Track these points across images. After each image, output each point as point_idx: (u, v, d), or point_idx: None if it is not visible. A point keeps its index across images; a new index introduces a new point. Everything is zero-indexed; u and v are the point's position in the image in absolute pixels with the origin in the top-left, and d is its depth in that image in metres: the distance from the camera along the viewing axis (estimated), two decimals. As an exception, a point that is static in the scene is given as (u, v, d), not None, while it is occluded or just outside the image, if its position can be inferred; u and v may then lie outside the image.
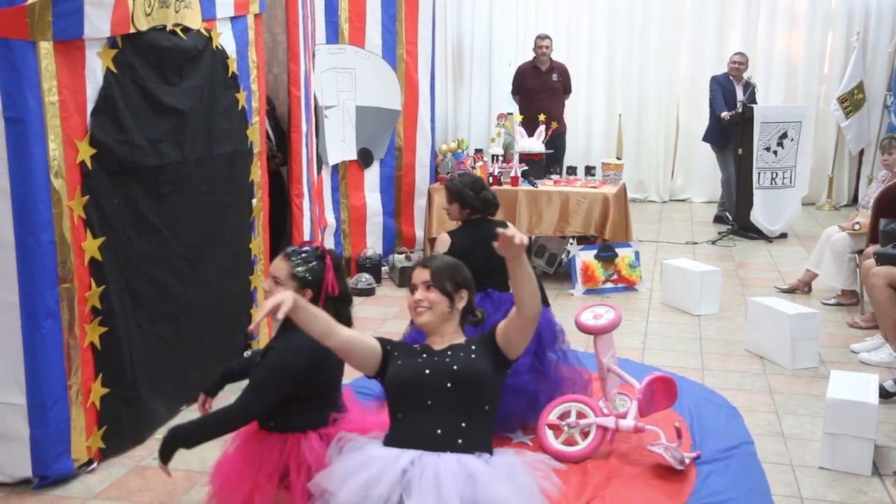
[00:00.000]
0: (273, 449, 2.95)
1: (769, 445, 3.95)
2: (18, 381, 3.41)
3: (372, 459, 2.63)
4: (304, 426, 2.98)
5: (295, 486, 2.89)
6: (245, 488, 2.91)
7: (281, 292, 2.66)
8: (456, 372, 2.73)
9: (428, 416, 2.71)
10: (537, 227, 6.81)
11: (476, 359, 2.77)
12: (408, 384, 2.76)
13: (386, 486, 2.52)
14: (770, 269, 7.37)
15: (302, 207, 5.66)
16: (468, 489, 2.51)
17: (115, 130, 3.65)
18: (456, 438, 2.68)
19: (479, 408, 2.75)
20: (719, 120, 8.70)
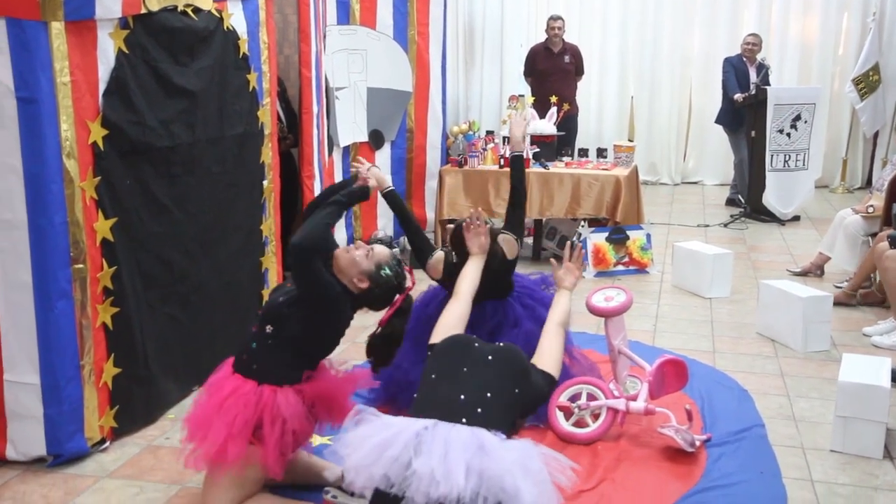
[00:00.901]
0: (249, 401, 2.97)
1: (780, 428, 3.95)
2: (32, 360, 3.43)
3: (387, 426, 2.67)
4: (281, 379, 3.02)
5: (268, 438, 2.92)
6: (219, 438, 2.92)
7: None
8: (503, 348, 2.98)
9: (458, 381, 2.82)
10: (548, 210, 6.79)
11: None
12: (451, 350, 3.00)
13: (398, 447, 2.56)
14: (782, 252, 7.34)
15: (313, 189, 5.66)
16: (476, 459, 2.54)
17: (126, 111, 3.66)
18: (476, 407, 2.74)
19: (508, 387, 2.87)
20: (732, 102, 8.64)
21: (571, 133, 8.41)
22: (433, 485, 2.48)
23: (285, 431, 2.94)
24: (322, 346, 3.19)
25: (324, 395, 3.11)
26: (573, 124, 8.65)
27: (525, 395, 2.96)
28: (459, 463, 2.51)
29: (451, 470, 2.49)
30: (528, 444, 2.76)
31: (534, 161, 6.93)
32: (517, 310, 3.98)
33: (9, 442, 3.51)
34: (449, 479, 2.47)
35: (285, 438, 2.95)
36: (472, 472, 2.51)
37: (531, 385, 3.00)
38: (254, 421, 2.95)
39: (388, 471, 2.54)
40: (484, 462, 2.54)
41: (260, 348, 3.09)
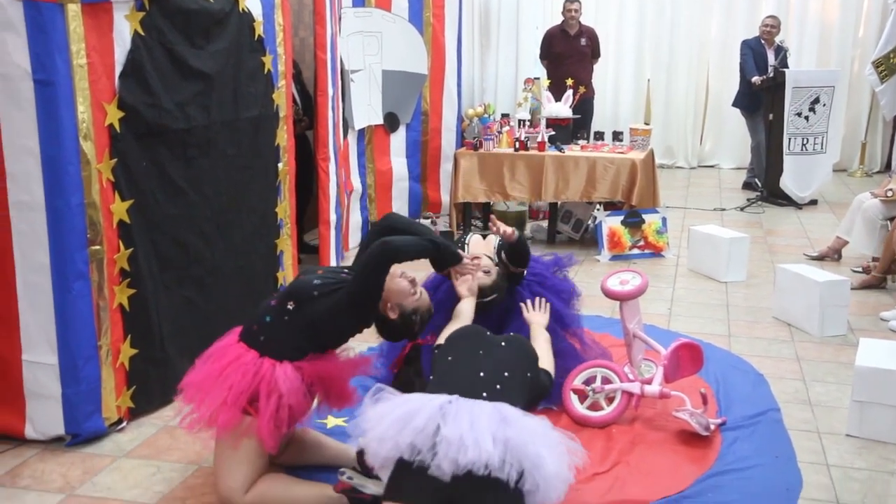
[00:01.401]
0: (247, 371, 2.99)
1: (796, 413, 3.94)
2: (50, 341, 3.46)
3: (409, 400, 2.71)
4: (284, 355, 3.04)
5: (263, 410, 2.94)
6: (212, 404, 2.96)
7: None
8: (513, 337, 3.13)
9: (476, 361, 2.93)
10: (564, 193, 6.77)
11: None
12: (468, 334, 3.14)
13: (423, 418, 2.60)
14: (799, 236, 7.29)
15: (328, 172, 5.67)
16: (500, 429, 2.59)
17: (142, 93, 3.66)
18: (495, 383, 2.82)
19: (522, 369, 2.97)
20: (750, 85, 8.57)
21: (587, 116, 8.36)
22: (462, 450, 2.50)
23: (281, 406, 2.95)
24: (335, 338, 3.20)
25: (323, 375, 3.13)
26: (589, 107, 8.61)
27: (534, 383, 3.04)
28: (486, 431, 2.55)
29: (480, 437, 2.53)
30: (546, 420, 2.80)
31: (549, 144, 6.90)
32: (525, 295, 3.97)
33: (28, 421, 3.55)
34: (478, 445, 2.51)
35: (280, 413, 2.96)
36: (498, 441, 2.55)
37: (538, 374, 3.09)
38: (250, 391, 2.97)
39: (413, 439, 2.57)
40: (507, 431, 2.59)
41: (274, 322, 3.11)
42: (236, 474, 3.02)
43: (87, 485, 3.29)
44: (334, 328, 3.13)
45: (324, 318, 3.08)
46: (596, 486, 3.26)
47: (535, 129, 7.12)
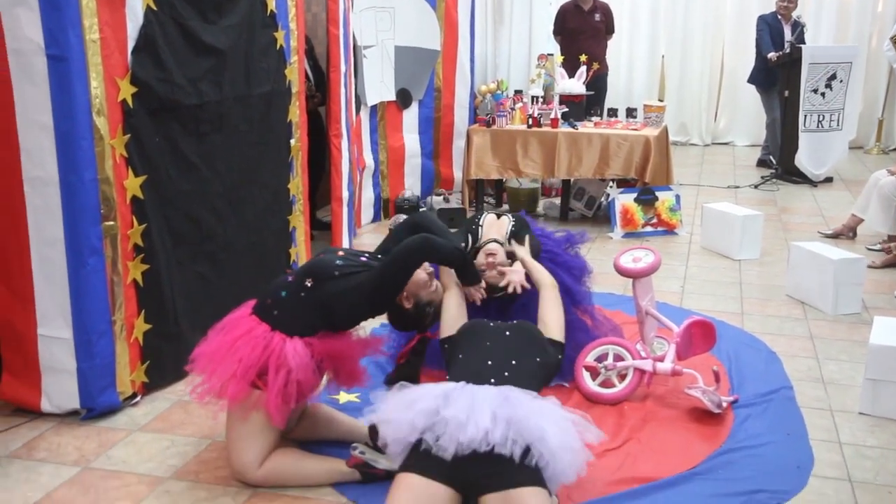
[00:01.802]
0: (257, 344, 3.01)
1: (808, 391, 3.93)
2: (65, 315, 3.49)
3: (418, 388, 2.86)
4: (295, 331, 3.05)
5: (272, 384, 2.97)
6: (221, 375, 2.98)
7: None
8: (517, 325, 3.18)
9: (483, 351, 3.04)
10: (577, 170, 6.74)
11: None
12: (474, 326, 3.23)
13: (427, 401, 2.73)
14: (814, 213, 7.25)
15: (340, 148, 5.66)
16: (501, 408, 2.68)
17: (155, 69, 3.66)
18: (503, 371, 2.92)
19: (529, 355, 3.05)
20: (766, 61, 8.48)
21: (601, 93, 8.31)
22: (461, 428, 2.60)
23: (289, 381, 2.97)
24: (347, 320, 3.21)
25: (333, 353, 3.14)
26: (603, 84, 8.54)
27: (544, 366, 3.12)
28: (484, 409, 2.65)
29: (477, 414, 2.63)
30: (555, 403, 2.87)
31: (562, 121, 6.87)
32: None
33: (43, 395, 3.58)
34: (475, 422, 2.61)
35: (289, 388, 2.97)
36: (499, 419, 2.64)
37: (548, 355, 3.17)
38: (259, 364, 2.99)
39: (415, 419, 2.69)
40: (509, 410, 2.68)
41: (289, 298, 3.12)
42: (249, 449, 3.05)
43: (102, 458, 3.33)
44: (349, 310, 3.14)
45: (340, 299, 3.09)
46: (607, 463, 3.27)
47: (548, 105, 7.08)
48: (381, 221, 6.89)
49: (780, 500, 3.05)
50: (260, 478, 3.07)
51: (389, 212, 6.94)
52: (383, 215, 6.95)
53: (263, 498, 3.05)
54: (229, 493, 3.09)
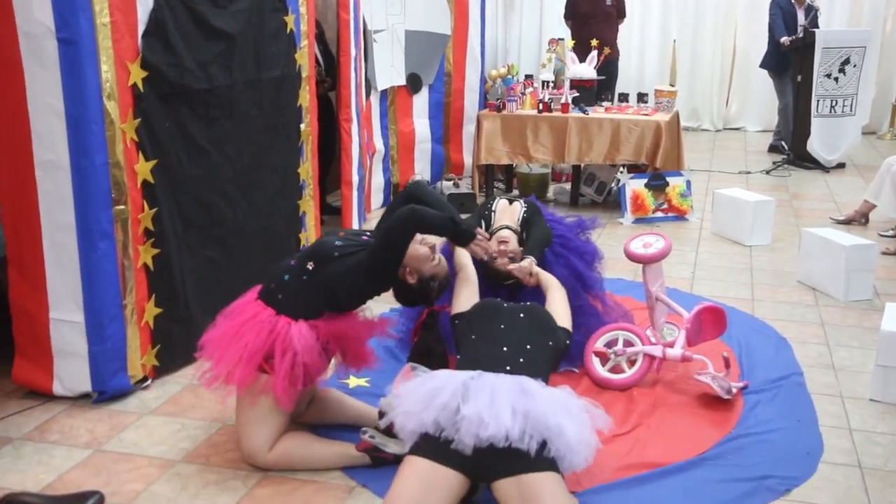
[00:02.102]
0: (262, 328, 3.03)
1: (819, 377, 3.92)
2: (76, 299, 3.50)
3: (435, 377, 2.83)
4: (300, 314, 3.07)
5: (278, 368, 2.98)
6: (229, 361, 3.00)
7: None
8: (529, 306, 3.16)
9: (499, 336, 3.03)
10: (587, 155, 6.71)
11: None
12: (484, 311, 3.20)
13: (446, 395, 2.71)
14: (826, 199, 7.21)
15: (350, 133, 5.65)
16: (520, 401, 2.67)
17: (165, 53, 3.65)
18: (518, 357, 2.92)
19: (542, 339, 3.05)
20: (778, 45, 8.42)
21: (612, 77, 8.27)
22: (482, 426, 2.60)
23: (296, 363, 2.98)
24: (351, 300, 3.21)
25: (339, 334, 3.14)
26: (614, 68, 8.51)
27: (556, 350, 3.13)
28: (505, 405, 2.64)
29: (499, 412, 2.62)
30: (568, 389, 2.88)
31: (573, 106, 6.84)
32: (548, 257, 3.98)
33: (56, 378, 3.60)
34: (496, 419, 2.60)
35: (295, 370, 2.99)
36: (518, 413, 2.63)
37: (559, 339, 3.17)
38: (265, 349, 3.00)
39: (437, 416, 2.68)
40: (528, 404, 2.67)
41: (292, 282, 3.12)
42: (259, 433, 3.06)
43: (114, 440, 3.35)
44: (351, 290, 3.14)
45: (341, 280, 3.09)
46: (616, 448, 3.27)
47: (558, 90, 7.05)
48: (391, 206, 6.88)
49: (790, 486, 3.05)
50: (270, 461, 3.08)
51: (399, 197, 6.93)
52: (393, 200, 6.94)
53: (273, 481, 3.07)
54: (239, 476, 3.11)
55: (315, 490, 3.02)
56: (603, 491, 3.00)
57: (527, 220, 3.98)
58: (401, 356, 4.01)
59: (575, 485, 3.00)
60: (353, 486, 3.05)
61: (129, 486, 3.03)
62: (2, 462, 3.18)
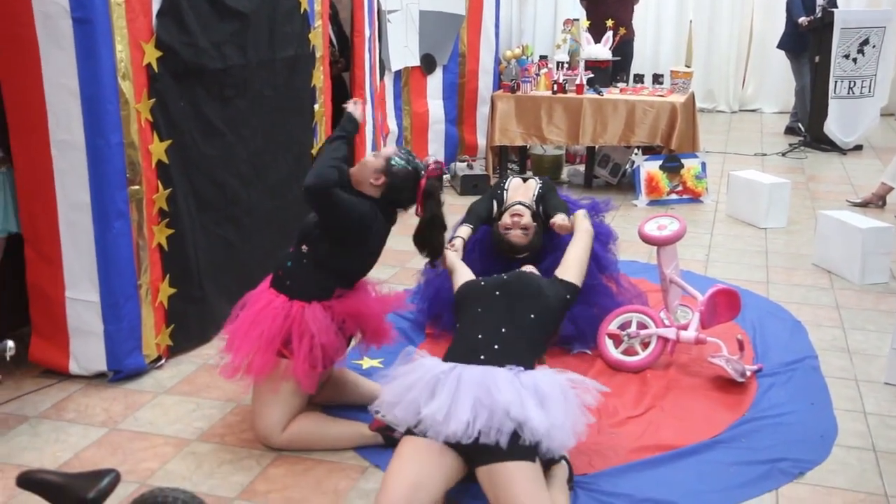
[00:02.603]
0: (277, 314, 3.05)
1: (834, 360, 3.90)
2: (92, 279, 3.52)
3: (416, 368, 2.83)
4: (311, 296, 3.08)
5: (297, 352, 3.01)
6: (247, 349, 3.02)
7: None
8: (509, 279, 2.95)
9: (475, 321, 2.92)
10: (602, 137, 6.68)
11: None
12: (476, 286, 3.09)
13: (417, 391, 2.75)
14: (842, 181, 7.15)
15: (364, 113, 5.63)
16: (485, 395, 2.66)
17: (179, 32, 3.65)
18: (493, 344, 2.86)
19: (521, 315, 2.91)
20: (796, 26, 8.33)
21: (627, 58, 8.19)
22: (444, 424, 2.63)
23: (313, 346, 3.01)
24: (355, 265, 3.21)
25: (353, 312, 3.15)
26: (629, 49, 8.42)
27: (543, 316, 3.05)
28: (466, 402, 2.64)
29: (458, 409, 2.63)
30: (547, 373, 2.82)
31: (588, 87, 6.79)
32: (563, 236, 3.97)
33: (72, 357, 3.63)
34: (456, 417, 2.61)
35: (314, 352, 3.01)
36: (482, 407, 2.62)
37: (548, 302, 3.09)
38: (281, 335, 3.03)
39: (406, 413, 2.73)
40: (492, 397, 2.64)
41: (295, 266, 3.15)
42: (273, 414, 3.09)
43: (130, 419, 3.38)
44: (346, 256, 3.14)
45: (332, 251, 3.12)
46: (629, 430, 3.28)
47: (573, 71, 7.01)
48: (405, 187, 6.87)
49: (803, 469, 3.05)
50: (284, 441, 3.10)
51: (413, 178, 6.92)
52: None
53: (287, 461, 3.09)
54: (254, 455, 3.13)
55: (328, 470, 3.04)
56: (615, 473, 3.00)
57: (542, 196, 3.98)
58: (415, 339, 4.02)
59: (587, 466, 3.01)
60: (367, 467, 3.06)
61: (145, 465, 3.06)
62: (19, 440, 3.22)
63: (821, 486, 2.97)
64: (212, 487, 2.93)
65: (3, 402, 3.43)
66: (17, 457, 3.10)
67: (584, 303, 3.93)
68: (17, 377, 3.64)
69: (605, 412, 3.40)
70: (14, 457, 3.10)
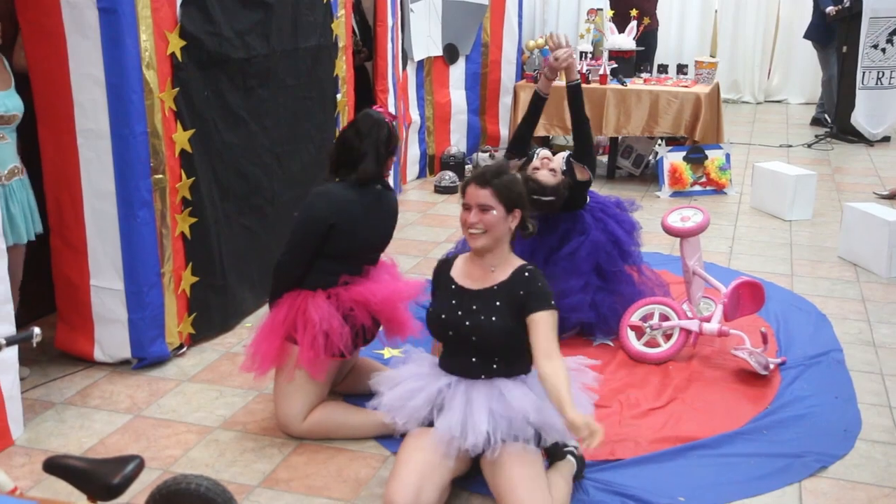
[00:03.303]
0: (283, 304, 3.10)
1: (859, 354, 3.86)
2: (116, 267, 3.55)
3: (419, 376, 2.82)
4: (315, 284, 3.11)
5: (301, 340, 3.04)
6: (257, 340, 3.10)
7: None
8: (476, 334, 2.68)
9: (463, 350, 2.75)
10: (625, 128, 6.64)
11: (496, 321, 2.66)
12: (439, 332, 2.81)
13: (420, 400, 2.74)
14: (869, 173, 7.07)
15: (387, 103, 5.63)
16: (498, 405, 2.64)
17: (203, 22, 3.66)
18: (491, 364, 2.73)
19: (508, 352, 2.72)
20: (824, 15, 8.23)
21: (651, 48, 8.13)
22: (461, 439, 2.61)
23: (316, 333, 3.02)
24: (350, 247, 3.15)
25: (360, 300, 3.14)
26: (653, 39, 8.36)
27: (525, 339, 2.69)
28: (481, 414, 2.61)
29: (475, 422, 2.60)
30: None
31: (611, 77, 6.75)
32: (587, 220, 3.99)
33: (97, 344, 3.67)
34: (474, 429, 2.59)
35: (317, 340, 3.03)
36: (501, 417, 2.62)
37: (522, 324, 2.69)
38: (287, 322, 3.07)
39: (408, 420, 2.74)
40: (507, 404, 2.63)
41: None
42: (293, 404, 3.11)
43: (153, 406, 3.41)
44: (330, 248, 3.11)
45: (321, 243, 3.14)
46: (650, 422, 3.27)
47: (596, 61, 6.96)
48: (427, 178, 6.88)
49: (826, 463, 3.02)
50: (304, 430, 3.12)
51: (435, 168, 6.92)
52: (429, 171, 6.94)
53: (309, 449, 3.11)
54: (276, 443, 3.15)
55: (350, 458, 3.05)
56: (636, 463, 3.00)
57: (570, 163, 3.96)
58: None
59: (608, 455, 3.01)
60: (387, 456, 3.07)
61: (168, 452, 3.09)
62: (45, 426, 3.26)
63: (844, 480, 2.94)
64: (234, 475, 2.95)
65: (29, 389, 3.47)
66: (43, 442, 3.14)
67: (607, 290, 3.92)
68: (43, 364, 3.69)
69: (626, 404, 3.40)
70: (40, 442, 3.14)
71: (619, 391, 3.50)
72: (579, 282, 3.86)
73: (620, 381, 3.60)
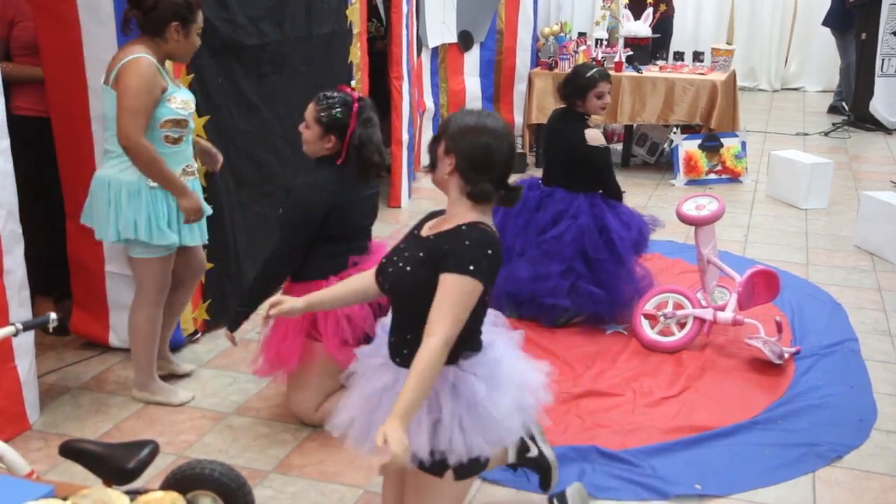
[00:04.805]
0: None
1: (874, 343, 3.84)
2: (131, 253, 3.56)
3: (367, 395, 2.35)
4: (325, 272, 3.05)
5: (324, 333, 3.00)
6: (275, 340, 3.04)
7: (289, 301, 2.48)
8: (389, 281, 2.29)
9: (392, 324, 2.35)
10: (640, 115, 6.61)
11: (410, 270, 2.21)
12: (379, 283, 2.38)
13: (379, 419, 2.15)
14: (887, 162, 7.01)
15: (401, 90, 5.62)
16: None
17: (218, 8, 3.66)
18: (402, 349, 2.27)
19: (418, 318, 2.15)
20: (843, 2, 8.15)
21: (667, 35, 8.09)
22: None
23: (339, 319, 3.00)
24: (341, 235, 3.11)
25: None
26: (669, 26, 8.32)
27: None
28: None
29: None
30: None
31: (627, 64, 6.71)
32: (581, 204, 3.96)
33: (111, 330, 3.68)
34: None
35: (341, 325, 3.00)
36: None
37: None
38: (305, 320, 3.01)
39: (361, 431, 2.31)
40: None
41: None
42: (307, 395, 3.12)
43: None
44: (327, 233, 3.08)
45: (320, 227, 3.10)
46: (664, 411, 3.26)
47: (612, 48, 6.93)
48: (441, 165, 6.85)
49: (841, 453, 3.01)
50: (318, 420, 3.12)
51: (449, 155, 6.90)
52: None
53: (322, 435, 3.10)
54: (289, 429, 3.16)
55: (363, 444, 3.06)
56: (649, 452, 2.99)
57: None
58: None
59: (620, 445, 3.00)
60: (400, 442, 3.07)
61: (183, 437, 3.11)
62: (61, 410, 3.28)
63: (858, 469, 2.93)
64: (248, 460, 2.97)
65: (45, 373, 3.49)
66: (59, 426, 3.17)
67: (588, 278, 3.90)
68: (59, 349, 3.71)
69: (639, 392, 3.40)
70: (56, 426, 3.17)
71: (632, 380, 3.49)
72: (560, 266, 3.87)
73: (633, 369, 3.59)
